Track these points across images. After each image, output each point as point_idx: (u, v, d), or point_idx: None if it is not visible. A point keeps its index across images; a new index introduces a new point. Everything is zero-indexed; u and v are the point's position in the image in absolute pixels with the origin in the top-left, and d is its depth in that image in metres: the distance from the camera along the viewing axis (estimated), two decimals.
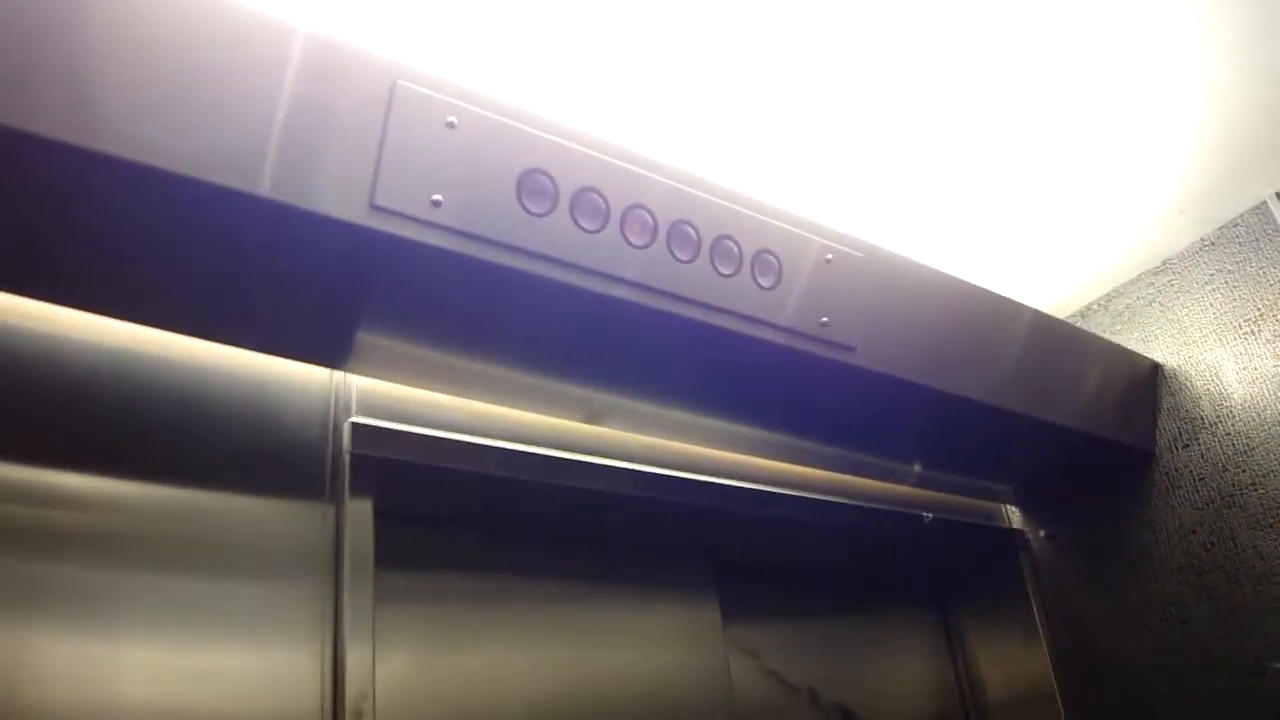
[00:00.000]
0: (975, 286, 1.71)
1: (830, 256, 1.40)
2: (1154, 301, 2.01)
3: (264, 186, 0.95)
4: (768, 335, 1.32)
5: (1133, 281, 2.06)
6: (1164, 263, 2.00)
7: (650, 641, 1.63)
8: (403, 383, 1.45)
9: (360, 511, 1.28)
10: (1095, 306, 2.13)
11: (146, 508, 1.18)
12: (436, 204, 1.03)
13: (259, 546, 1.23)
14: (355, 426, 1.32)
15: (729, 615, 1.78)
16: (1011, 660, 2.09)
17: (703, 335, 1.27)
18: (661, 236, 1.21)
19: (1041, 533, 2.13)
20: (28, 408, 1.14)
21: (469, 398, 1.49)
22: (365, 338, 1.36)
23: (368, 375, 1.41)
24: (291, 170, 0.96)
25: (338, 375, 1.39)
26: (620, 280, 1.17)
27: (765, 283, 1.31)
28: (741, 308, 1.28)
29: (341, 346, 1.36)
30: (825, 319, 1.38)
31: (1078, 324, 2.15)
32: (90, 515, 1.14)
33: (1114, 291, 2.10)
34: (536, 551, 1.55)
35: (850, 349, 1.42)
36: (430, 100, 1.03)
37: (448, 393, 1.48)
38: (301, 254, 1.05)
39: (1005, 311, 1.73)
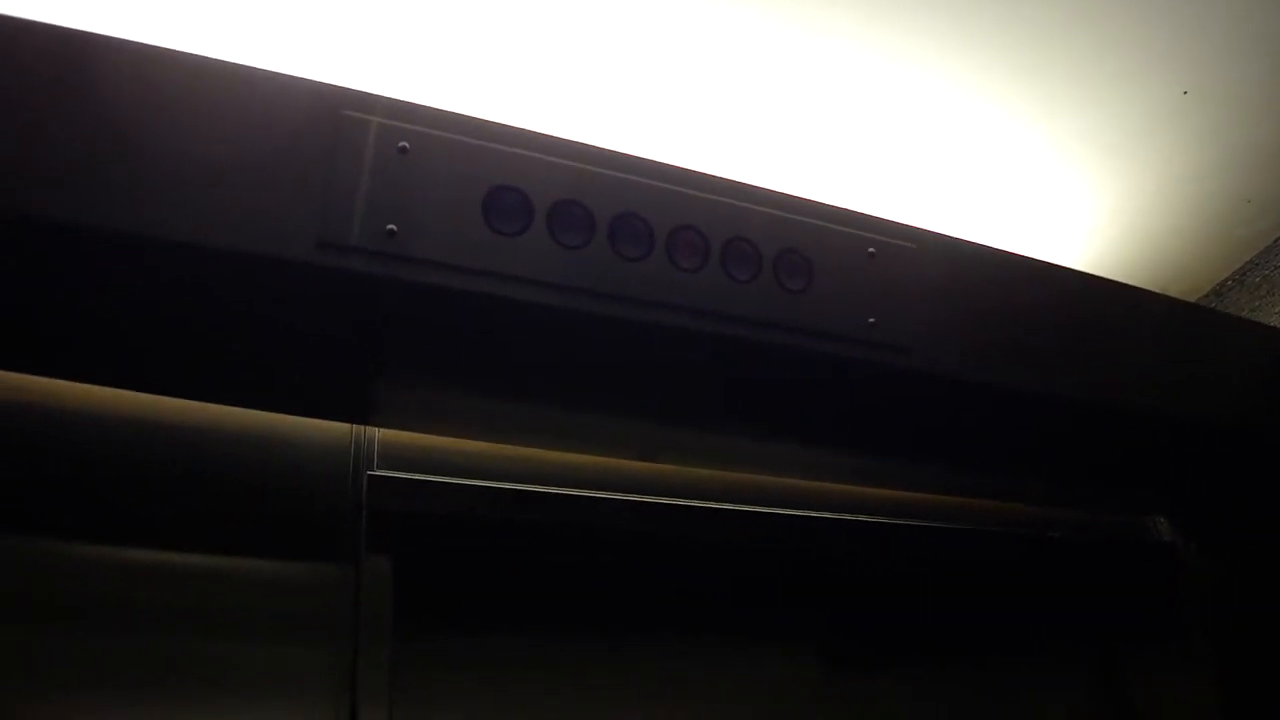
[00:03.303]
0: (1075, 272, 1.51)
1: (873, 250, 1.25)
2: None
3: (206, 234, 0.91)
4: (799, 342, 1.17)
5: (1268, 249, 1.79)
6: None
7: (725, 701, 1.48)
8: (436, 433, 1.38)
9: (378, 570, 1.22)
10: (1230, 283, 1.86)
11: (162, 572, 1.17)
12: (391, 234, 0.96)
13: (277, 609, 1.20)
14: (372, 479, 1.26)
15: (832, 666, 1.61)
16: (1178, 700, 1.80)
17: (720, 347, 1.15)
18: (660, 245, 1.09)
19: (1194, 546, 1.84)
20: (50, 480, 1.15)
21: (506, 443, 1.41)
22: (385, 388, 1.30)
23: (395, 427, 1.35)
24: (235, 214, 0.92)
25: (360, 429, 1.34)
26: (613, 298, 1.06)
27: (793, 285, 1.18)
28: (762, 314, 1.14)
29: (358, 398, 1.31)
30: (872, 319, 1.23)
31: (1213, 304, 1.89)
32: (108, 583, 1.13)
33: (1249, 264, 1.82)
34: (582, 606, 1.42)
35: (905, 351, 1.25)
36: (379, 127, 0.97)
37: (481, 439, 1.40)
38: (266, 300, 1.00)
39: (1116, 297, 1.51)
